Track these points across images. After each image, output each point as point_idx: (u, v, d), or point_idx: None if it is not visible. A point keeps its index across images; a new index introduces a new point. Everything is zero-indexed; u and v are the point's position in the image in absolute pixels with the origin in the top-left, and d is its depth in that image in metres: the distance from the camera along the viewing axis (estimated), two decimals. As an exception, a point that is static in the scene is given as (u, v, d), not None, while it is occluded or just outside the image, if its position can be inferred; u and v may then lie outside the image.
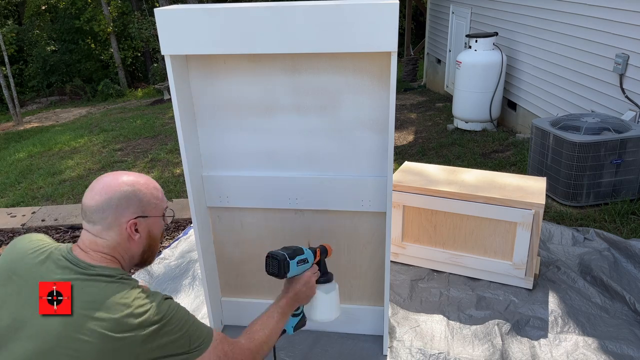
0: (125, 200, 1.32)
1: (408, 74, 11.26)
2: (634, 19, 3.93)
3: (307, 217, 2.16)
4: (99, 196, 1.30)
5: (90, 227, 1.31)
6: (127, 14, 17.72)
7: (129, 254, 1.35)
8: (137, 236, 1.35)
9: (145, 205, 1.36)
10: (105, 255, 1.29)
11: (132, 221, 1.32)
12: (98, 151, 6.61)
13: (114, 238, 1.31)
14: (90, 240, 1.30)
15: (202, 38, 1.74)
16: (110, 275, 1.24)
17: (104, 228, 1.30)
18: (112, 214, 1.30)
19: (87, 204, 1.31)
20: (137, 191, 1.34)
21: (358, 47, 1.69)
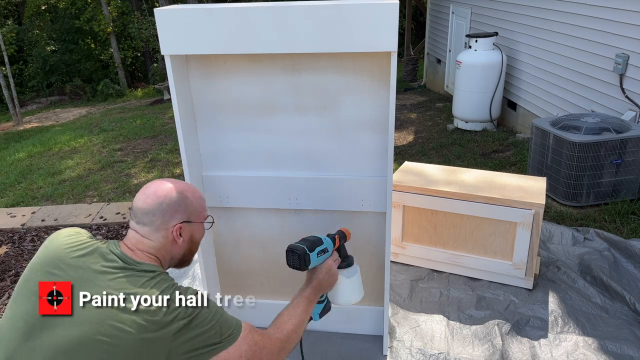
0: (174, 206, 1.42)
1: (408, 74, 11.26)
2: (634, 19, 3.93)
3: (307, 217, 2.16)
4: (151, 200, 1.40)
5: (139, 228, 1.40)
6: (127, 14, 17.71)
7: (170, 255, 1.44)
8: (181, 240, 1.44)
9: (190, 212, 1.46)
10: (150, 255, 1.39)
11: (178, 225, 1.42)
12: (98, 151, 6.61)
13: (160, 240, 1.40)
14: (137, 239, 1.39)
15: (202, 38, 1.73)
16: (152, 271, 1.32)
17: (151, 230, 1.39)
18: (161, 218, 1.40)
19: (139, 206, 1.40)
20: (185, 198, 1.45)
21: (358, 47, 1.69)
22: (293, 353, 1.62)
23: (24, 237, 3.71)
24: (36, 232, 3.76)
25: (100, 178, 5.32)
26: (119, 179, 5.24)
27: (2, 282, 3.14)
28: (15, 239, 3.69)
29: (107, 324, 1.21)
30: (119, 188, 4.91)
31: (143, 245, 1.39)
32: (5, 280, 3.15)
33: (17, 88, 14.27)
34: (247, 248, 2.27)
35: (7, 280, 3.15)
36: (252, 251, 2.28)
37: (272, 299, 2.38)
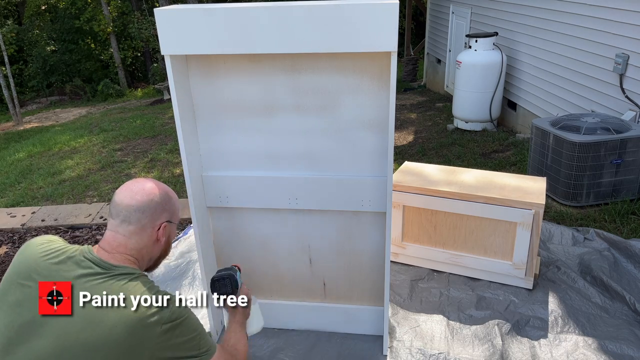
0: (162, 205, 1.39)
1: (408, 74, 11.26)
2: (634, 19, 3.93)
3: (307, 217, 2.16)
4: (140, 197, 1.35)
5: (122, 228, 1.34)
6: (127, 14, 17.71)
7: (149, 255, 1.41)
8: (163, 240, 1.42)
9: (172, 213, 1.44)
10: (129, 257, 1.34)
11: (163, 224, 1.39)
12: (98, 151, 6.61)
13: (144, 240, 1.36)
14: (118, 242, 1.34)
15: (202, 38, 1.73)
16: (132, 274, 1.29)
17: (137, 229, 1.35)
18: (150, 216, 1.36)
19: (127, 203, 1.34)
20: (170, 198, 1.43)
21: (358, 47, 1.69)
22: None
23: (24, 237, 3.71)
24: (36, 232, 3.76)
25: (100, 178, 5.32)
26: (119, 179, 5.24)
27: (2, 282, 3.14)
28: (15, 239, 3.69)
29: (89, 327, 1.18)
30: (119, 188, 4.91)
31: (123, 247, 1.34)
32: (5, 280, 3.15)
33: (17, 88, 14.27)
34: (247, 248, 2.27)
35: (7, 280, 3.14)
36: (252, 251, 2.28)
37: (272, 299, 2.39)
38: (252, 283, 2.36)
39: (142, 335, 1.21)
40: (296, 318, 2.40)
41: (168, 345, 1.24)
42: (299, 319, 2.39)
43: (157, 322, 1.23)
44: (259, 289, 2.37)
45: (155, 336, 1.22)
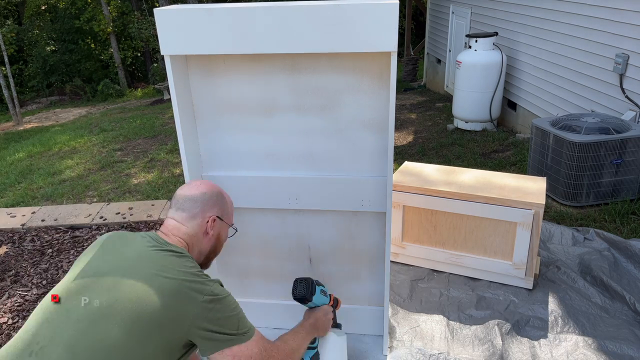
0: (214, 200, 1.59)
1: (408, 74, 11.26)
2: (634, 19, 3.93)
3: (307, 217, 2.16)
4: (195, 189, 1.58)
5: (177, 215, 1.54)
6: (127, 14, 17.71)
7: (199, 247, 1.57)
8: (211, 233, 1.57)
9: (224, 211, 1.63)
10: (181, 240, 1.52)
11: (212, 217, 1.57)
12: (98, 151, 6.61)
13: (194, 228, 1.54)
14: (173, 226, 1.53)
15: (202, 38, 1.73)
16: (180, 252, 1.44)
17: (189, 217, 1.54)
18: (201, 207, 1.55)
19: (183, 194, 1.57)
20: (223, 198, 1.64)
21: (358, 47, 1.69)
22: None
23: (24, 237, 3.71)
24: (36, 232, 3.76)
25: (100, 178, 5.32)
26: (119, 179, 5.24)
27: (2, 282, 3.14)
28: (15, 239, 3.69)
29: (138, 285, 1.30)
30: (119, 188, 4.91)
31: (178, 230, 1.52)
32: (5, 280, 3.15)
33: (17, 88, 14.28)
34: (247, 248, 2.27)
35: (7, 280, 3.15)
36: (252, 251, 2.28)
37: (273, 299, 2.38)
38: (252, 283, 2.36)
39: (185, 302, 1.32)
40: (296, 318, 2.39)
41: (208, 317, 1.35)
42: (299, 319, 2.39)
43: (200, 292, 1.35)
44: (258, 288, 2.37)
45: (196, 305, 1.33)
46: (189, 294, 1.33)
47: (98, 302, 1.28)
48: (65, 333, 1.25)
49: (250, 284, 2.36)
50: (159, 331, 1.29)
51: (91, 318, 1.26)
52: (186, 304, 1.32)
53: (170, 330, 1.31)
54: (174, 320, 1.31)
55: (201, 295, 1.34)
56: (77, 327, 1.25)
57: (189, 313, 1.32)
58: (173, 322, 1.31)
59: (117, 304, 1.27)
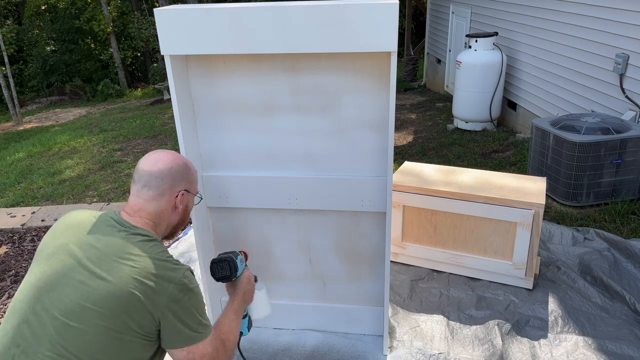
0: (181, 174, 1.51)
1: (408, 74, 11.26)
2: (634, 19, 3.93)
3: (307, 217, 2.16)
4: (161, 164, 1.47)
5: (143, 193, 1.46)
6: (127, 13, 17.71)
7: (166, 222, 1.52)
8: (180, 207, 1.52)
9: (190, 182, 1.56)
10: (148, 221, 1.45)
11: (181, 192, 1.51)
12: (98, 151, 6.61)
13: (162, 205, 1.48)
14: (139, 206, 1.46)
15: (202, 38, 1.73)
16: (148, 236, 1.40)
17: (157, 194, 1.46)
18: (169, 182, 1.48)
19: (149, 169, 1.46)
20: (189, 169, 1.55)
21: (358, 47, 1.69)
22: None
23: (24, 237, 3.71)
24: (36, 232, 3.76)
25: (100, 178, 5.32)
26: (119, 179, 5.24)
27: (2, 282, 3.14)
28: (15, 239, 3.69)
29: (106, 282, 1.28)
30: (119, 188, 4.91)
31: (144, 211, 1.45)
32: (5, 280, 3.15)
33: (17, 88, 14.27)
34: (247, 248, 2.27)
35: (7, 280, 3.15)
36: (251, 251, 2.27)
37: (273, 299, 2.38)
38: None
39: (156, 290, 1.30)
40: (296, 318, 2.40)
41: (176, 306, 1.32)
42: (299, 319, 2.39)
43: (170, 280, 1.32)
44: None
45: (167, 293, 1.31)
46: (159, 283, 1.31)
47: (68, 300, 1.27)
48: (45, 332, 1.25)
49: (250, 284, 2.36)
50: (134, 320, 1.29)
51: (66, 315, 1.26)
52: (155, 293, 1.30)
53: (144, 318, 1.30)
54: (144, 309, 1.29)
55: (171, 283, 1.32)
56: (55, 325, 1.25)
57: (158, 302, 1.31)
58: (143, 311, 1.30)
59: (88, 299, 1.26)
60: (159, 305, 1.31)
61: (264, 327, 2.42)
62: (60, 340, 1.24)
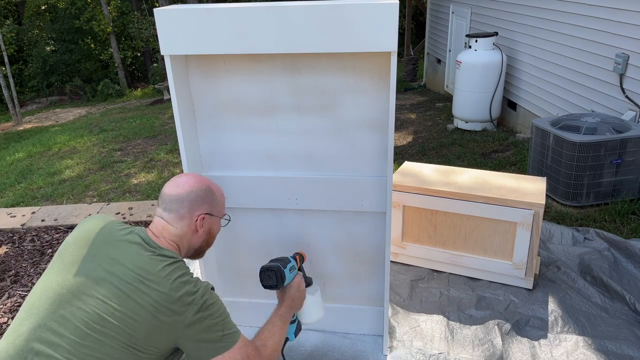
0: (202, 198, 1.54)
1: (408, 74, 11.26)
2: (634, 19, 3.93)
3: (307, 217, 2.16)
4: (181, 189, 1.52)
5: (165, 215, 1.51)
6: (126, 13, 17.71)
7: (189, 244, 1.55)
8: (202, 230, 1.55)
9: (213, 206, 1.58)
10: (172, 242, 1.49)
11: (201, 216, 1.53)
12: (97, 151, 6.61)
13: (183, 228, 1.51)
14: (162, 226, 1.49)
15: (202, 38, 1.73)
16: (172, 257, 1.42)
17: (177, 217, 1.50)
18: (188, 207, 1.51)
19: (169, 193, 1.52)
20: (212, 193, 1.58)
21: (358, 47, 1.69)
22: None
23: (24, 237, 3.71)
24: (36, 232, 3.76)
25: (100, 178, 5.32)
26: (119, 179, 5.24)
27: (2, 282, 3.14)
28: (15, 239, 3.69)
29: (130, 299, 1.30)
30: (119, 188, 4.91)
31: (167, 232, 1.49)
32: (5, 280, 3.15)
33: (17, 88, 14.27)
34: (247, 248, 2.27)
35: (7, 280, 3.15)
36: (252, 251, 2.27)
37: (273, 299, 2.38)
38: (251, 283, 2.36)
39: (177, 313, 1.32)
40: (296, 318, 2.39)
41: (196, 326, 1.35)
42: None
43: (190, 303, 1.35)
44: (258, 289, 2.37)
45: (187, 316, 1.34)
46: (181, 307, 1.33)
47: (93, 311, 1.28)
48: (63, 339, 1.25)
49: (250, 284, 2.36)
50: (154, 340, 1.31)
51: (88, 326, 1.27)
52: (177, 317, 1.33)
53: (163, 338, 1.33)
54: (165, 332, 1.32)
55: (191, 306, 1.35)
56: (76, 334, 1.26)
57: (179, 324, 1.34)
58: (164, 333, 1.32)
59: (113, 315, 1.28)
60: (180, 327, 1.33)
61: (264, 327, 2.42)
62: (79, 348, 1.25)
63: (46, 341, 1.25)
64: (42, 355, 1.23)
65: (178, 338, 1.35)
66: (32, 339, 1.25)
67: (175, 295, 1.33)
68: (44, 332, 1.26)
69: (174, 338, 1.35)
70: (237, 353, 1.41)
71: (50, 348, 1.24)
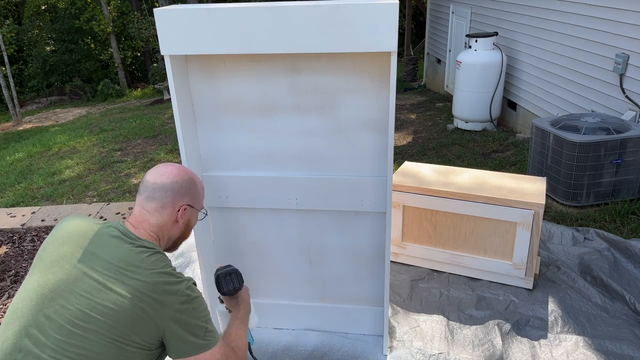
0: (186, 187, 1.53)
1: (408, 74, 11.26)
2: (634, 19, 3.93)
3: (307, 217, 2.16)
4: (165, 178, 1.50)
5: (147, 204, 1.49)
6: (126, 13, 17.71)
7: (168, 235, 1.54)
8: (182, 221, 1.54)
9: (195, 197, 1.57)
10: (152, 233, 1.48)
11: (183, 206, 1.52)
12: (97, 151, 6.61)
13: (164, 218, 1.50)
14: (142, 217, 1.48)
15: (202, 38, 1.73)
16: (153, 249, 1.41)
17: (159, 206, 1.49)
18: (172, 196, 1.50)
19: (153, 181, 1.50)
20: (195, 184, 1.57)
21: (358, 47, 1.69)
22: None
23: (24, 237, 3.71)
24: (36, 232, 3.76)
25: (99, 178, 5.32)
26: (119, 179, 5.24)
27: (2, 282, 3.14)
28: (15, 239, 3.69)
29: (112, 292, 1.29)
30: (119, 188, 4.91)
31: (147, 222, 1.48)
32: (5, 280, 3.15)
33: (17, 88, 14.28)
34: (247, 248, 2.27)
35: (7, 280, 3.15)
36: (251, 251, 2.28)
37: (273, 299, 2.38)
38: (252, 283, 2.36)
39: (160, 304, 1.32)
40: (296, 318, 2.40)
41: (180, 318, 1.35)
42: (299, 319, 2.39)
43: (174, 293, 1.34)
44: (258, 289, 2.37)
45: (170, 307, 1.33)
46: (164, 296, 1.33)
47: (75, 307, 1.28)
48: (49, 338, 1.25)
49: (250, 284, 2.36)
50: (138, 332, 1.31)
51: (72, 323, 1.26)
52: (160, 306, 1.33)
53: (148, 330, 1.33)
54: (149, 323, 1.32)
55: (175, 296, 1.35)
56: (61, 332, 1.26)
57: (163, 315, 1.33)
58: (148, 324, 1.32)
59: (94, 310, 1.28)
60: (163, 318, 1.33)
61: (264, 327, 2.42)
62: (65, 346, 1.25)
63: (33, 343, 1.25)
64: (29, 357, 1.23)
65: (163, 330, 1.34)
66: (19, 342, 1.26)
67: (157, 282, 1.33)
68: (30, 333, 1.26)
69: (160, 331, 1.34)
70: (217, 352, 1.41)
71: (37, 348, 1.24)
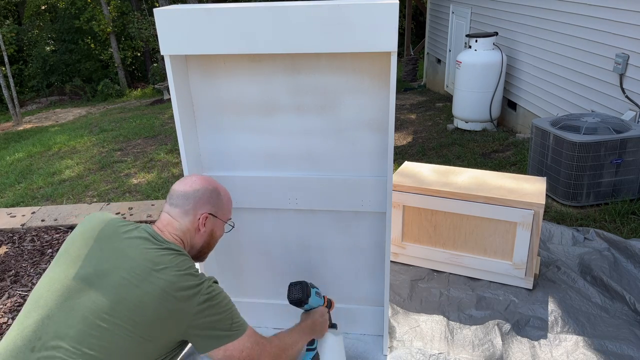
0: (207, 197, 1.60)
1: (408, 74, 11.26)
2: (634, 19, 3.93)
3: (307, 217, 2.16)
4: (189, 186, 1.60)
5: (170, 210, 1.58)
6: (126, 13, 17.71)
7: (191, 243, 1.59)
8: (203, 230, 1.59)
9: (218, 208, 1.63)
10: (176, 237, 1.55)
11: (204, 214, 1.58)
12: (97, 151, 6.61)
13: (186, 224, 1.56)
14: (167, 221, 1.56)
15: (202, 38, 1.73)
16: (178, 251, 1.47)
17: (181, 213, 1.56)
18: (193, 203, 1.57)
19: (177, 190, 1.60)
20: (218, 194, 1.64)
21: (358, 47, 1.69)
22: None
23: (24, 237, 3.71)
24: (36, 232, 3.76)
25: (99, 178, 5.32)
26: (119, 179, 5.24)
27: (2, 282, 3.14)
28: (15, 239, 3.69)
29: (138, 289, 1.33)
30: (119, 188, 4.92)
31: (171, 227, 1.55)
32: (5, 280, 3.15)
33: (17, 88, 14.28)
34: (247, 248, 2.27)
35: (7, 280, 3.15)
36: (251, 251, 2.28)
37: (272, 299, 2.38)
38: (251, 283, 2.36)
39: (183, 303, 1.36)
40: (296, 318, 2.39)
41: (204, 317, 1.39)
42: (299, 319, 2.39)
43: (197, 293, 1.39)
44: (258, 289, 2.37)
45: (193, 306, 1.38)
46: (187, 296, 1.37)
47: (101, 301, 1.30)
48: (70, 329, 1.27)
49: (250, 284, 2.36)
50: (162, 330, 1.34)
51: (96, 316, 1.29)
52: (184, 305, 1.36)
53: (171, 328, 1.36)
54: (173, 321, 1.35)
55: (198, 295, 1.39)
56: (85, 323, 1.28)
57: (186, 314, 1.37)
58: (171, 322, 1.35)
59: (120, 305, 1.31)
60: (188, 315, 1.37)
61: (264, 327, 2.42)
62: (87, 338, 1.27)
63: (54, 332, 1.27)
64: (49, 345, 1.25)
65: (187, 328, 1.37)
66: (40, 330, 1.27)
67: (180, 284, 1.37)
68: (52, 323, 1.28)
69: (184, 327, 1.37)
70: (247, 340, 1.45)
71: (57, 338, 1.26)
